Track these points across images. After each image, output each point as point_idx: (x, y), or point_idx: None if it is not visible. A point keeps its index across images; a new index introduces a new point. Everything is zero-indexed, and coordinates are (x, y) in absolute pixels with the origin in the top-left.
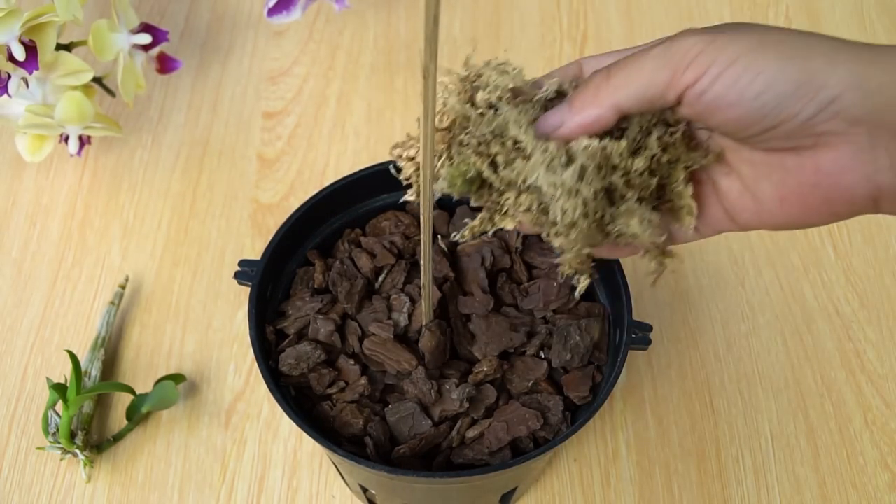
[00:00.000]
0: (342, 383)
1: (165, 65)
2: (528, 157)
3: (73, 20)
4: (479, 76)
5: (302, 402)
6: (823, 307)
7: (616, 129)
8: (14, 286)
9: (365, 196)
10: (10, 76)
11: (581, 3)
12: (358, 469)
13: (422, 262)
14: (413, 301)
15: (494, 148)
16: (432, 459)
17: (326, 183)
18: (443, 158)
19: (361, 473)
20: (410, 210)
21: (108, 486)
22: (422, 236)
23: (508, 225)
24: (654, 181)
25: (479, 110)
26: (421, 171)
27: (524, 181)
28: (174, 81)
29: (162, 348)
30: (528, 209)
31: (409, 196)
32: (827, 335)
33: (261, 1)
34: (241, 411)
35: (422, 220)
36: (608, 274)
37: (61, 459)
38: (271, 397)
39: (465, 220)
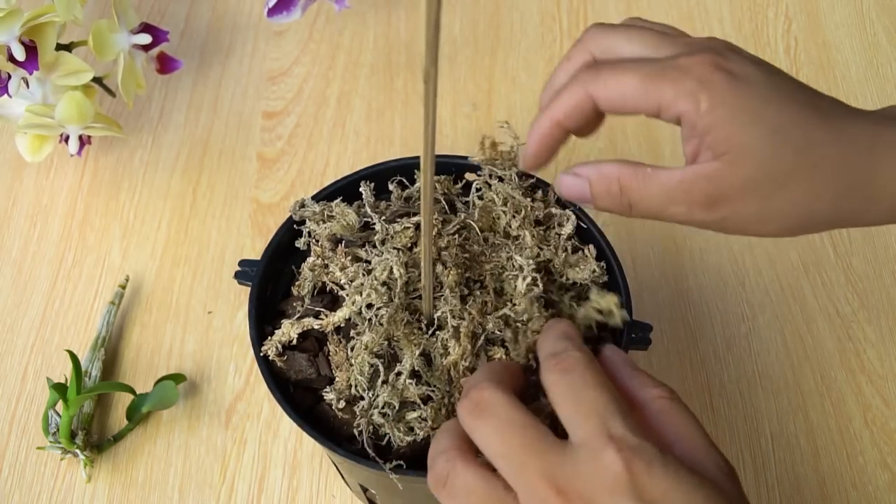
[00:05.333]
0: None
1: (165, 65)
2: None
3: (73, 20)
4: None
5: (302, 401)
6: (823, 307)
7: None
8: (14, 286)
9: None
10: (10, 76)
11: (581, 3)
12: (358, 469)
13: (422, 264)
14: None
15: None
16: None
17: (326, 183)
18: None
19: (361, 473)
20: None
21: (108, 486)
22: (422, 237)
23: None
24: None
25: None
26: (421, 174)
27: None
28: (174, 81)
29: (162, 348)
30: None
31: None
32: (827, 335)
33: (261, 1)
34: (241, 411)
35: (422, 222)
36: (608, 274)
37: (61, 459)
38: (271, 397)
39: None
